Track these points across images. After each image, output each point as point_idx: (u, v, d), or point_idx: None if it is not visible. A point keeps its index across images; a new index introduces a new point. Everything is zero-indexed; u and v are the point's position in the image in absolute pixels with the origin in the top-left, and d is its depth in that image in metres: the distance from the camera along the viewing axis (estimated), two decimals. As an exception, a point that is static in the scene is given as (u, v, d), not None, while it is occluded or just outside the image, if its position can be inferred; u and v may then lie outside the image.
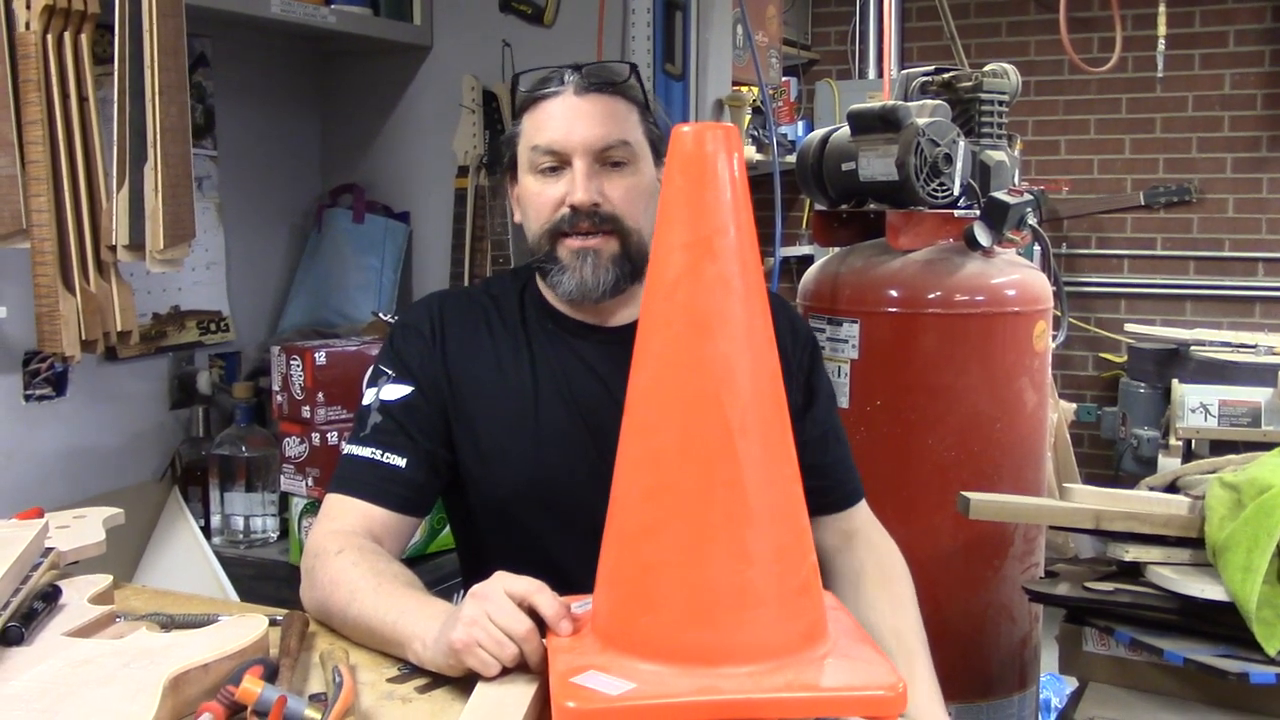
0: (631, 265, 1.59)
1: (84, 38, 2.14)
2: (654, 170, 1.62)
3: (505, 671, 1.21)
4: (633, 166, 1.58)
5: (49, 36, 2.10)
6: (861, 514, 1.76)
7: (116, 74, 2.13)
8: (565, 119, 1.56)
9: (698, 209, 1.17)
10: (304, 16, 2.72)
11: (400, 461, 1.56)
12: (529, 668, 1.22)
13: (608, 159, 1.56)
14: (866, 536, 1.74)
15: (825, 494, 1.68)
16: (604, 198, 1.55)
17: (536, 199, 1.59)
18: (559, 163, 1.56)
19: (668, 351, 1.18)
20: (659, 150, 1.64)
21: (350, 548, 1.46)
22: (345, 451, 1.60)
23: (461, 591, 2.40)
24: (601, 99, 1.58)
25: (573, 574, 1.33)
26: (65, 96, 2.13)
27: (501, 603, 1.22)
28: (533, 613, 1.23)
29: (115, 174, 2.15)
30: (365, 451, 1.57)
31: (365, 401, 1.61)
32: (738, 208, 1.17)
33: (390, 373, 1.61)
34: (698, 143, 1.18)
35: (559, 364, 1.63)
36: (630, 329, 1.62)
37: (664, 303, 1.18)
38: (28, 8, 2.07)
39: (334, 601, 1.42)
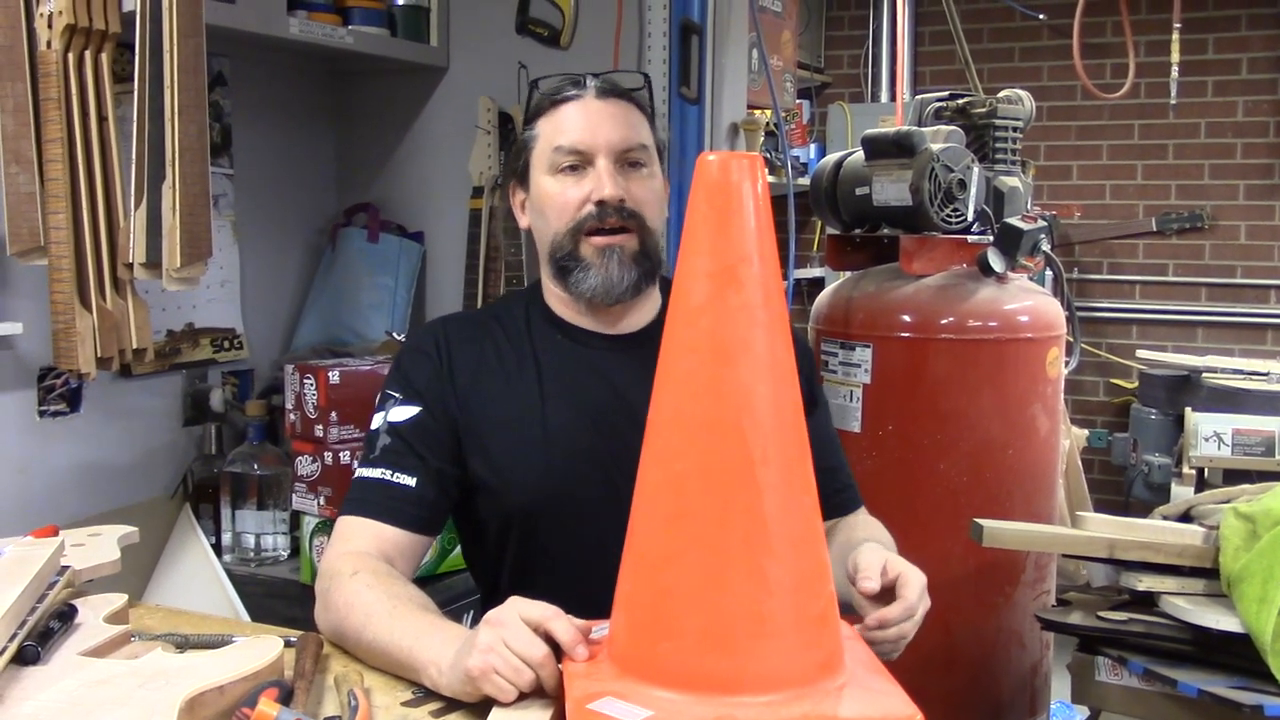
0: (650, 264, 1.62)
1: (104, 57, 2.16)
2: (663, 176, 1.67)
3: (522, 697, 1.21)
4: (649, 169, 1.63)
5: (70, 55, 2.11)
6: (863, 516, 1.77)
7: (136, 93, 2.14)
8: (589, 120, 1.60)
9: (722, 237, 1.17)
10: (322, 37, 2.73)
11: (410, 481, 1.56)
12: (545, 693, 1.22)
13: (627, 160, 1.60)
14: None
15: (828, 498, 1.67)
16: (628, 194, 1.58)
17: (558, 198, 1.61)
18: (581, 163, 1.59)
19: (690, 379, 1.18)
20: (664, 159, 1.69)
21: (364, 570, 1.46)
22: (356, 474, 1.61)
23: (472, 612, 2.41)
24: (620, 104, 1.63)
25: (586, 584, 1.33)
26: (85, 115, 2.14)
27: (517, 629, 1.22)
28: (549, 638, 1.23)
29: (133, 192, 2.15)
30: (375, 473, 1.58)
31: (374, 425, 1.62)
32: (762, 236, 1.18)
33: (398, 395, 1.62)
34: (723, 171, 1.18)
35: (567, 373, 1.64)
36: (639, 335, 1.65)
37: (687, 330, 1.19)
38: (49, 26, 2.09)
39: (349, 625, 1.42)
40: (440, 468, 1.59)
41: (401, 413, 1.60)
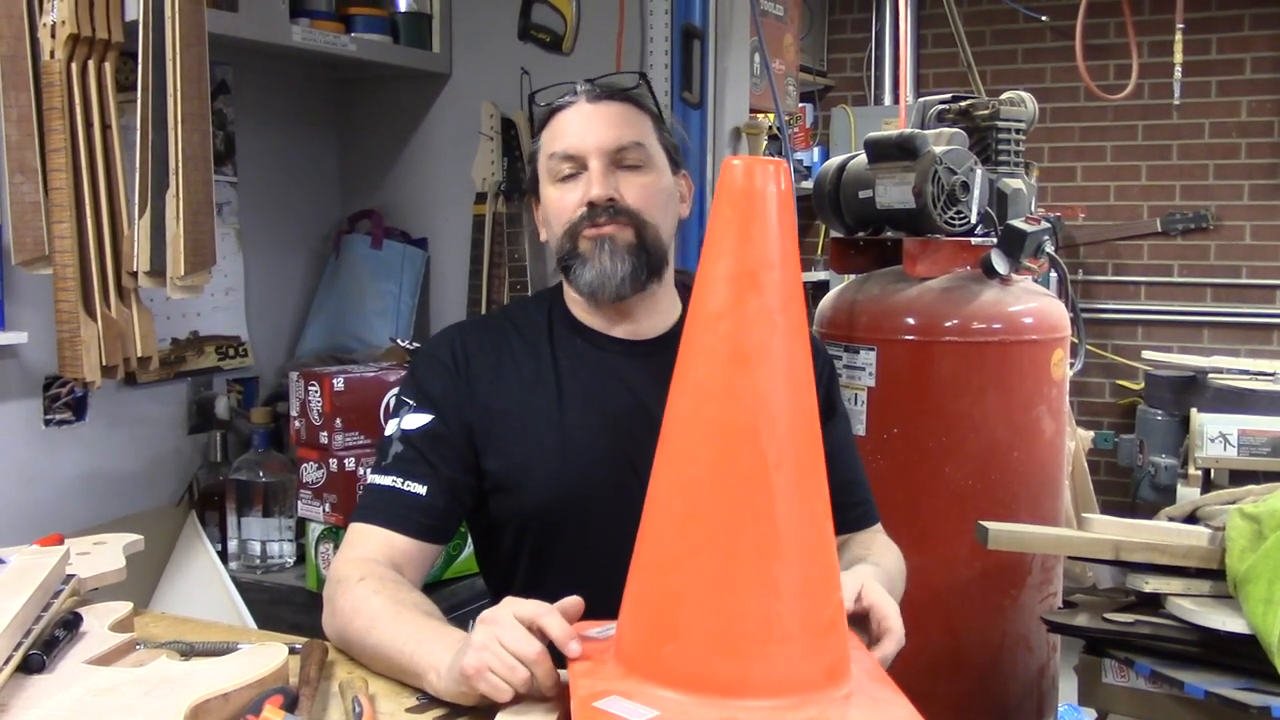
0: (649, 258, 1.61)
1: (108, 66, 2.16)
2: (671, 177, 1.66)
3: (519, 698, 1.21)
4: (647, 168, 1.62)
5: (73, 65, 2.11)
6: (879, 537, 1.76)
7: (139, 102, 2.15)
8: (580, 125, 1.60)
9: (744, 242, 1.18)
10: (325, 44, 2.74)
11: (420, 489, 1.56)
12: (540, 692, 1.21)
13: (622, 160, 1.60)
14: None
15: (845, 511, 1.67)
16: (619, 194, 1.58)
17: (557, 204, 1.62)
18: (577, 168, 1.60)
19: (707, 382, 1.18)
20: (675, 160, 1.68)
21: (371, 576, 1.46)
22: (368, 481, 1.62)
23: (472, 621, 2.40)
24: (614, 105, 1.63)
25: (600, 587, 1.33)
26: (89, 124, 2.14)
27: (511, 627, 1.23)
28: (547, 638, 1.23)
29: (137, 201, 2.16)
30: (386, 480, 1.58)
31: (387, 432, 1.62)
32: (784, 243, 1.18)
33: (411, 402, 1.62)
34: (747, 177, 1.18)
35: (587, 377, 1.64)
36: (660, 341, 1.64)
37: (706, 334, 1.19)
38: (53, 36, 2.09)
39: (353, 629, 1.42)
40: (452, 477, 1.59)
41: (414, 421, 1.60)
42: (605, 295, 1.61)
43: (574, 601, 1.27)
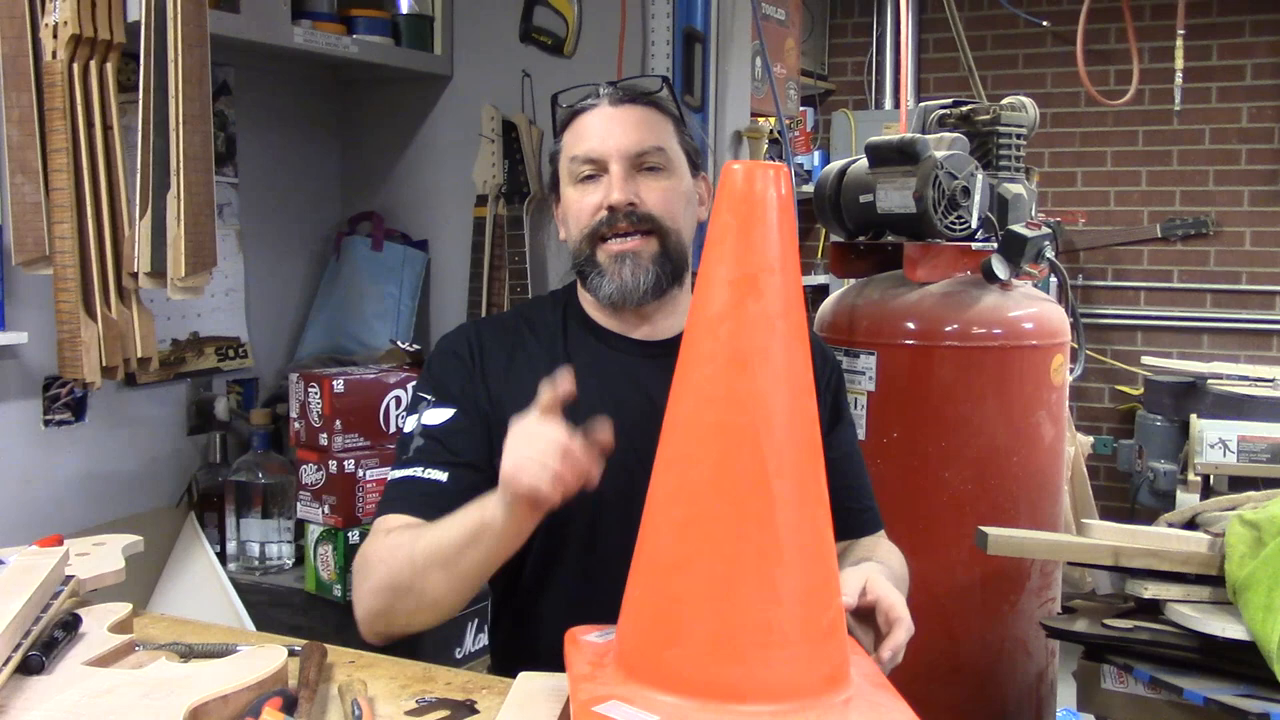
0: (672, 265, 1.61)
1: (109, 67, 2.17)
2: (691, 180, 1.66)
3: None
4: (668, 172, 1.62)
5: (75, 66, 2.12)
6: (883, 542, 1.75)
7: (141, 103, 2.15)
8: (601, 128, 1.61)
9: (744, 246, 1.17)
10: (326, 46, 2.74)
11: (441, 476, 1.56)
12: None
13: (643, 164, 1.60)
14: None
15: (849, 516, 1.67)
16: (640, 199, 1.59)
17: (576, 206, 1.62)
18: (597, 170, 1.60)
19: (707, 386, 1.18)
20: (695, 162, 1.68)
21: (396, 529, 1.50)
22: (389, 479, 1.61)
23: (477, 620, 2.40)
24: (636, 109, 1.63)
25: (607, 587, 1.32)
26: (90, 125, 2.15)
27: (534, 421, 1.31)
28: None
29: (138, 202, 2.16)
30: (407, 472, 1.58)
31: (407, 429, 1.62)
32: (784, 247, 1.18)
33: (430, 398, 1.62)
34: (747, 181, 1.18)
35: (602, 377, 1.64)
36: (675, 342, 1.63)
37: (706, 338, 1.19)
38: (55, 37, 2.10)
39: (397, 561, 1.44)
40: (474, 467, 1.58)
41: (435, 415, 1.60)
42: (628, 305, 1.62)
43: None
